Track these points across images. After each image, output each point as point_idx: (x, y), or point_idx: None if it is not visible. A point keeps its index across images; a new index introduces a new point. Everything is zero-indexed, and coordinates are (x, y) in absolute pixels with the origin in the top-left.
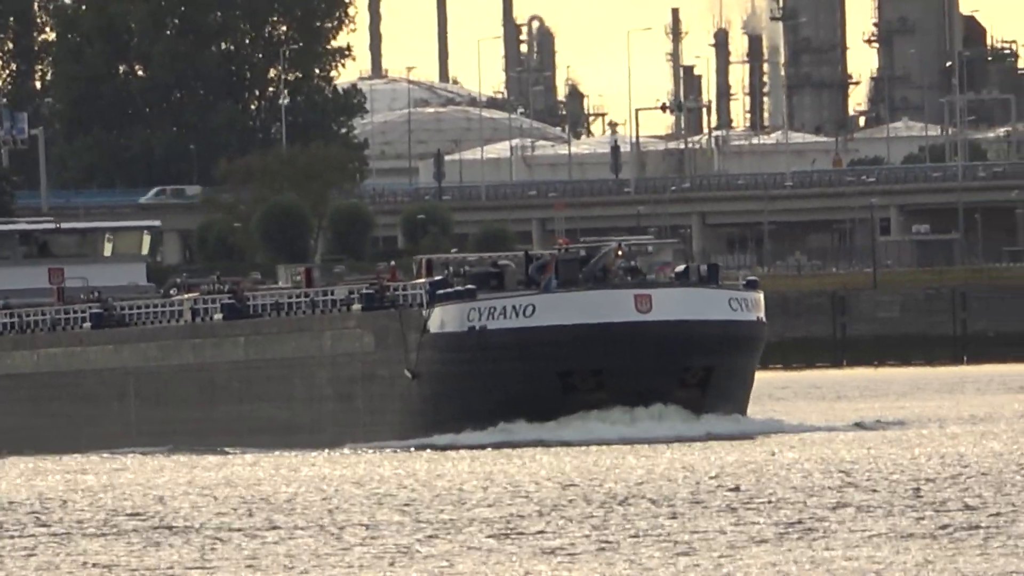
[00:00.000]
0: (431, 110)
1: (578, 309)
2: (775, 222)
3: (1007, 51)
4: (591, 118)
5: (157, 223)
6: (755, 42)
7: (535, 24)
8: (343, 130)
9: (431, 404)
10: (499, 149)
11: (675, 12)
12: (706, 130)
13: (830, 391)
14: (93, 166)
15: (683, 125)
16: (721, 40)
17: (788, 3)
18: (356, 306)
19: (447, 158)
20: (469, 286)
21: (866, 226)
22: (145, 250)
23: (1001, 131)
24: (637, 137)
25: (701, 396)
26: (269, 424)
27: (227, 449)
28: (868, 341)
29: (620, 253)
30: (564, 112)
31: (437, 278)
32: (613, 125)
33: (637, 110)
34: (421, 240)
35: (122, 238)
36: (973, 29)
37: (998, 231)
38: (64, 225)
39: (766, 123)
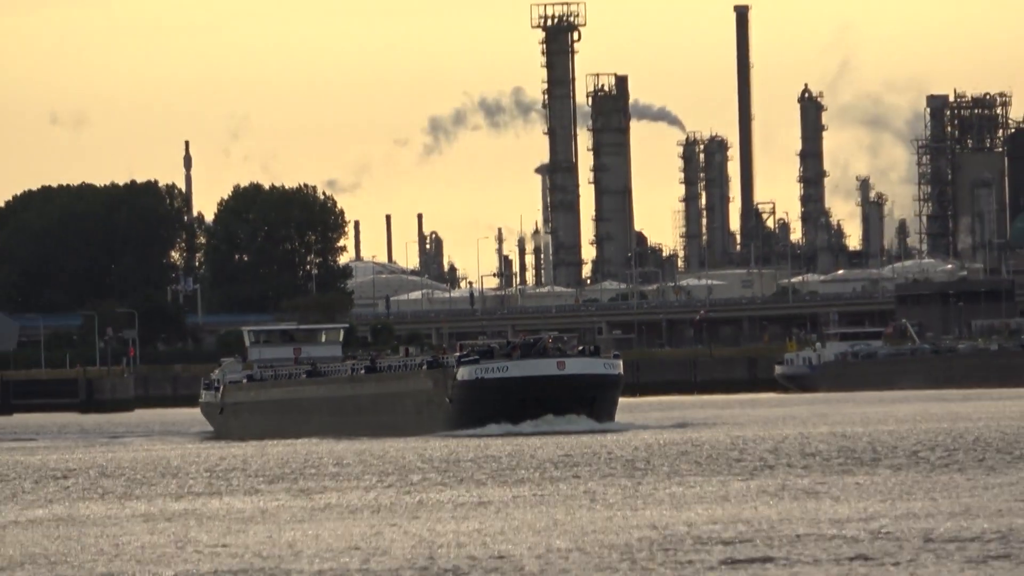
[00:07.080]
0: None
1: (529, 368)
2: None
3: None
4: None
5: (347, 325)
6: None
7: None
8: None
9: (458, 415)
10: None
11: None
12: None
13: None
14: (224, 304)
15: None
16: None
17: None
18: (424, 367)
19: None
20: (475, 356)
21: None
22: (340, 339)
23: None
24: None
25: (591, 411)
26: (377, 427)
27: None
28: None
29: (551, 340)
30: None
31: (463, 353)
32: None
33: None
34: None
35: (330, 333)
36: None
37: None
38: (301, 326)
39: None
